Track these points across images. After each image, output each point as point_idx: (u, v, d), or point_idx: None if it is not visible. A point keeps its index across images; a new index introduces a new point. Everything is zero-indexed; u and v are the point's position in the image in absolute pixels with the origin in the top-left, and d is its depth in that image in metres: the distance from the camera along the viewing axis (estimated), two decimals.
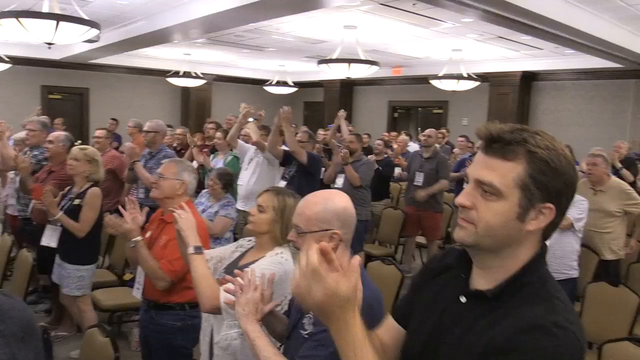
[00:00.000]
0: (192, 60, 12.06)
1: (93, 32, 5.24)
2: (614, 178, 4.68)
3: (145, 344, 2.88)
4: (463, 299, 1.11)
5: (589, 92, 10.83)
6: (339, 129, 6.94)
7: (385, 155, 7.48)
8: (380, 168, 6.37)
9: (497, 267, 1.08)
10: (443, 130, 9.47)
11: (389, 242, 6.29)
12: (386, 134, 10.22)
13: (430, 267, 1.27)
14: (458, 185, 6.22)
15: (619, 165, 6.31)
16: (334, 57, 8.14)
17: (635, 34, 7.90)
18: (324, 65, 8.33)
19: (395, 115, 14.57)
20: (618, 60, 8.98)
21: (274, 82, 13.38)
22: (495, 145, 1.05)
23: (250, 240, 2.31)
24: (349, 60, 7.91)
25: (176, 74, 11.80)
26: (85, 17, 5.26)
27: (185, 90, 14.30)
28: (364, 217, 5.44)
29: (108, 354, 2.28)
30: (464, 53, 9.94)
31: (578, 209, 3.96)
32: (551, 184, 1.03)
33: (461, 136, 8.56)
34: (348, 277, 0.99)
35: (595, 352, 2.79)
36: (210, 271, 2.07)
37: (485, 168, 1.05)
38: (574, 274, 4.04)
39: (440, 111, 13.21)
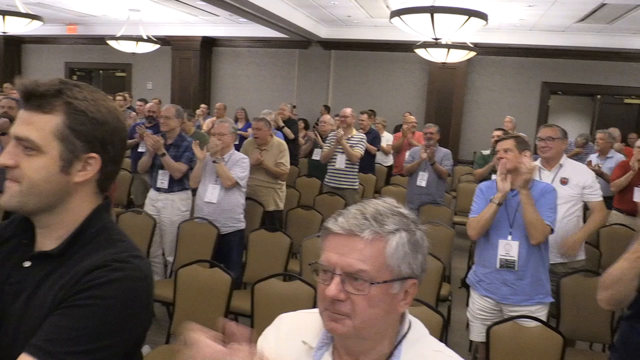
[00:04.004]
0: None
1: None
2: (276, 137, 5.22)
3: None
4: (27, 264, 1.07)
5: (263, 59, 11.81)
6: None
7: None
8: None
9: (56, 224, 1.07)
10: (124, 94, 9.09)
11: None
12: None
13: None
14: (133, 153, 6.08)
15: (281, 124, 7.09)
16: None
17: (295, 8, 8.87)
18: None
19: (74, 77, 13.38)
20: (284, 31, 9.99)
21: None
22: (33, 100, 1.03)
23: None
24: (1, 12, 6.85)
25: None
26: None
27: None
28: None
29: None
30: (142, 14, 9.65)
31: (241, 167, 4.30)
32: (92, 134, 1.05)
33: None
34: None
35: (249, 292, 3.11)
36: None
37: (23, 124, 1.03)
38: (241, 225, 4.40)
39: (123, 74, 12.68)
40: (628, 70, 9.97)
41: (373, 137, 7.03)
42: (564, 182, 3.54)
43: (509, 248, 2.85)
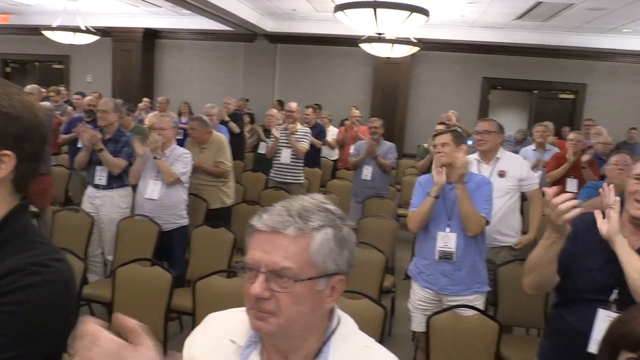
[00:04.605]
0: None
1: None
2: (216, 134, 5.12)
3: None
4: None
5: (207, 52, 11.60)
6: None
7: None
8: None
9: None
10: (59, 88, 8.71)
11: None
12: None
13: None
14: (71, 148, 5.86)
15: (226, 118, 7.01)
16: None
17: (241, 1, 8.75)
18: None
19: (8, 70, 12.77)
20: (228, 24, 9.85)
21: None
22: None
23: None
24: None
25: None
26: None
27: None
28: None
29: None
30: (80, 4, 9.26)
31: (182, 163, 4.21)
32: (5, 130, 1.00)
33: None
34: None
35: (191, 289, 3.06)
36: None
37: None
38: (184, 222, 4.31)
39: (61, 66, 12.16)
40: (562, 67, 10.40)
41: (318, 131, 7.06)
42: (501, 174, 3.66)
43: (447, 240, 2.92)
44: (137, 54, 11.28)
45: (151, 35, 11.46)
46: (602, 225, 1.72)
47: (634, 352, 0.96)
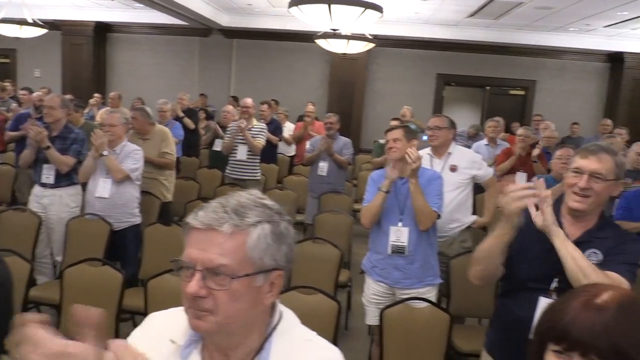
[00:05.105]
0: None
1: None
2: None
3: None
4: None
5: (162, 47, 11.35)
6: None
7: None
8: None
9: None
10: (3, 84, 8.34)
11: None
12: None
13: None
14: (18, 146, 5.65)
15: (180, 114, 6.90)
16: None
17: None
18: None
19: None
20: (183, 18, 9.67)
21: None
22: None
23: None
24: None
25: None
26: None
27: None
28: None
29: None
30: None
31: (133, 160, 4.12)
32: None
33: None
34: None
35: (142, 289, 3.00)
36: None
37: None
38: (137, 220, 4.23)
39: (6, 60, 11.67)
40: (513, 64, 10.69)
41: (275, 128, 7.03)
42: (453, 169, 3.74)
43: (399, 234, 2.97)
44: (88, 48, 10.94)
45: (103, 29, 11.14)
46: (536, 218, 1.79)
47: (559, 344, 0.94)
